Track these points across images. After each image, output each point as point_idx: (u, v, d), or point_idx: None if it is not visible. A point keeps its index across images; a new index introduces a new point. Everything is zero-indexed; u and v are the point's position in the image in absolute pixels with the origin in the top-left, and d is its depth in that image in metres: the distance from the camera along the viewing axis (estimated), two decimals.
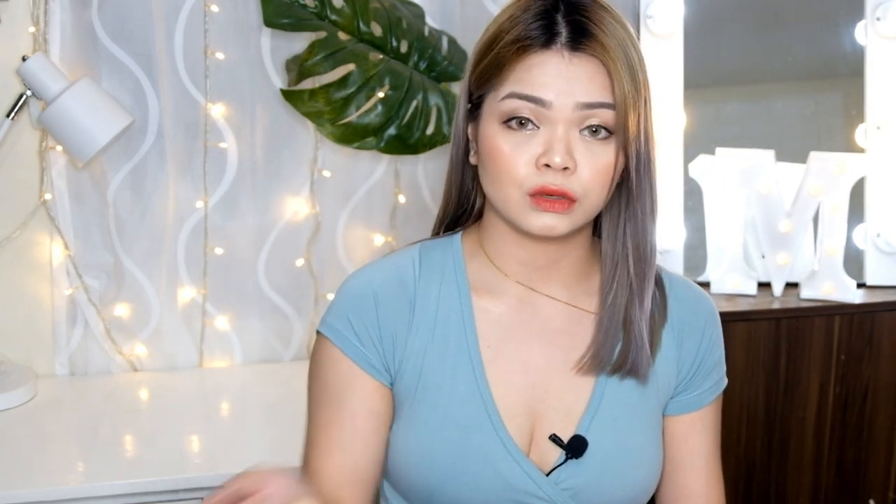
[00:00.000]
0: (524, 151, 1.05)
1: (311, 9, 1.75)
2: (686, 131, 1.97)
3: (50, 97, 1.69)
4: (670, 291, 1.18)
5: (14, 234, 1.85)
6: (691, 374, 1.18)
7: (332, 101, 1.76)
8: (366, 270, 1.16)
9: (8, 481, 1.49)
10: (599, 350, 1.12)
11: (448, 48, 1.87)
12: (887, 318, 1.88)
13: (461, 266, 1.16)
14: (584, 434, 1.11)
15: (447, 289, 1.14)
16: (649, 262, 1.12)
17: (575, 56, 1.04)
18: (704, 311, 1.20)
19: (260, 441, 1.64)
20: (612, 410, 1.13)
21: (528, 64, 1.05)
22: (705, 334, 1.19)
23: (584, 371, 1.13)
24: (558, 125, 1.04)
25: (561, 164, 1.03)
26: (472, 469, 1.09)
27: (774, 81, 2.08)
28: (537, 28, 1.05)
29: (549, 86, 1.04)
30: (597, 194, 1.06)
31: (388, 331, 1.13)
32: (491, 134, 1.07)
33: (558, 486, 1.10)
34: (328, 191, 1.96)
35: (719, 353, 1.21)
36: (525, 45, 1.05)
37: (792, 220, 1.90)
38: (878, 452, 1.91)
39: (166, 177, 1.87)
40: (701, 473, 1.19)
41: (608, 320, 1.12)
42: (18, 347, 1.89)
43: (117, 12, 1.79)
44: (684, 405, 1.19)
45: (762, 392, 1.85)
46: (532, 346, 1.14)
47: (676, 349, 1.17)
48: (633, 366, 1.12)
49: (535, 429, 1.13)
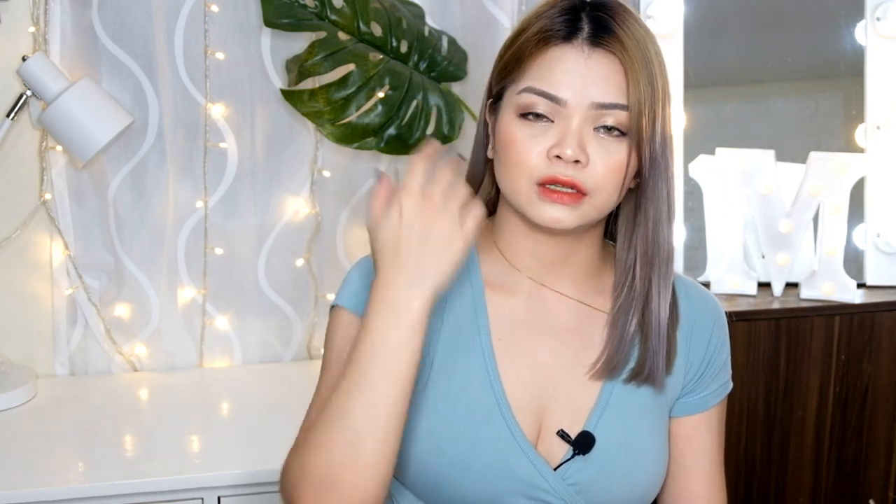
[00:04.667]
0: (538, 143, 1.06)
1: (311, 9, 1.75)
2: (686, 131, 1.97)
3: (50, 97, 1.69)
4: (681, 293, 1.18)
5: (14, 234, 1.85)
6: (698, 376, 1.19)
7: (332, 101, 1.76)
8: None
9: (8, 481, 1.49)
10: (614, 355, 1.13)
11: (448, 48, 1.87)
12: (887, 318, 1.88)
13: (475, 260, 1.17)
14: (592, 431, 1.12)
15: (460, 282, 1.15)
16: (666, 266, 1.12)
17: (595, 52, 1.05)
18: (713, 313, 1.21)
19: (260, 441, 1.64)
20: (621, 409, 1.13)
21: (549, 58, 1.06)
22: (714, 336, 1.20)
23: (597, 376, 1.14)
24: (573, 120, 1.05)
25: (572, 156, 1.04)
26: (480, 459, 1.10)
27: (774, 81, 2.08)
28: (561, 22, 1.07)
29: (566, 84, 1.05)
30: (608, 191, 1.07)
31: None
32: (507, 124, 1.08)
33: (565, 480, 1.11)
34: (328, 191, 1.96)
35: (726, 356, 1.22)
36: (546, 36, 1.06)
37: (792, 220, 1.90)
38: (878, 452, 1.91)
39: (166, 177, 1.87)
40: (704, 475, 1.20)
41: (622, 324, 1.13)
42: (18, 347, 1.89)
43: (117, 12, 1.79)
44: (690, 407, 1.19)
45: (762, 392, 1.85)
46: (543, 342, 1.15)
47: (685, 351, 1.18)
48: (649, 374, 1.13)
49: (542, 424, 1.13)
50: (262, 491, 1.55)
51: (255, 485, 1.54)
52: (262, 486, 1.54)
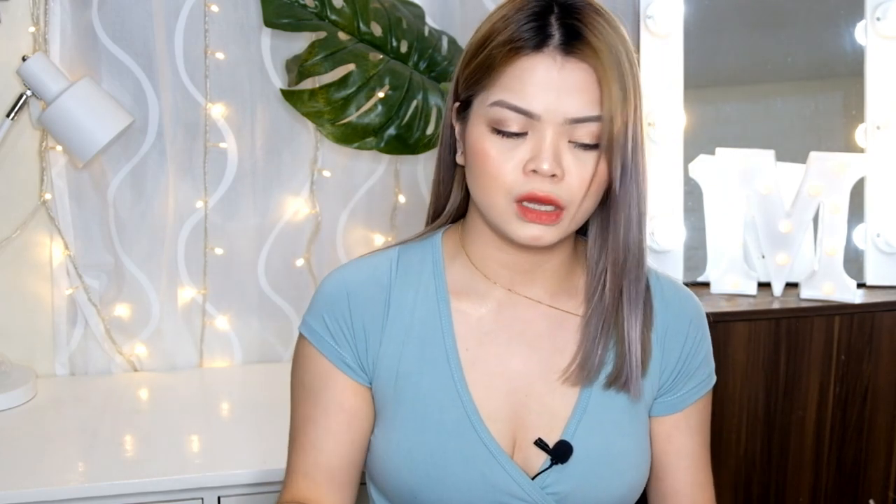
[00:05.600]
0: (512, 157, 1.03)
1: (311, 9, 1.75)
2: (686, 131, 1.97)
3: (50, 97, 1.69)
4: (656, 294, 1.17)
5: (14, 234, 1.85)
6: (674, 377, 1.17)
7: (332, 101, 1.76)
8: (342, 270, 1.16)
9: (8, 481, 1.49)
10: (587, 359, 1.11)
11: (448, 48, 1.87)
12: (887, 318, 1.88)
13: (440, 268, 1.15)
14: (570, 440, 1.11)
15: (425, 291, 1.13)
16: (636, 270, 1.10)
17: (567, 61, 1.01)
18: (689, 313, 1.18)
19: (260, 441, 1.64)
20: (598, 415, 1.12)
21: (519, 68, 1.02)
22: (689, 338, 1.18)
23: (570, 381, 1.12)
24: (547, 133, 1.02)
25: (549, 170, 1.01)
26: (453, 471, 1.09)
27: (774, 81, 2.08)
28: (530, 29, 1.02)
29: (539, 98, 1.01)
30: (585, 202, 1.05)
31: (361, 330, 1.12)
32: (478, 137, 1.05)
33: (544, 490, 1.10)
34: (328, 191, 1.96)
35: (704, 354, 1.19)
36: (517, 46, 1.02)
37: (792, 220, 1.90)
38: (878, 452, 1.91)
39: (166, 177, 1.87)
40: (687, 474, 1.18)
41: (594, 328, 1.11)
42: (18, 347, 1.89)
43: (117, 12, 1.79)
44: (667, 406, 1.18)
45: (762, 392, 1.85)
46: (513, 350, 1.13)
47: (660, 352, 1.16)
48: (626, 379, 1.12)
49: (517, 434, 1.12)
50: (262, 491, 1.55)
51: (256, 485, 1.54)
52: (262, 486, 1.54)
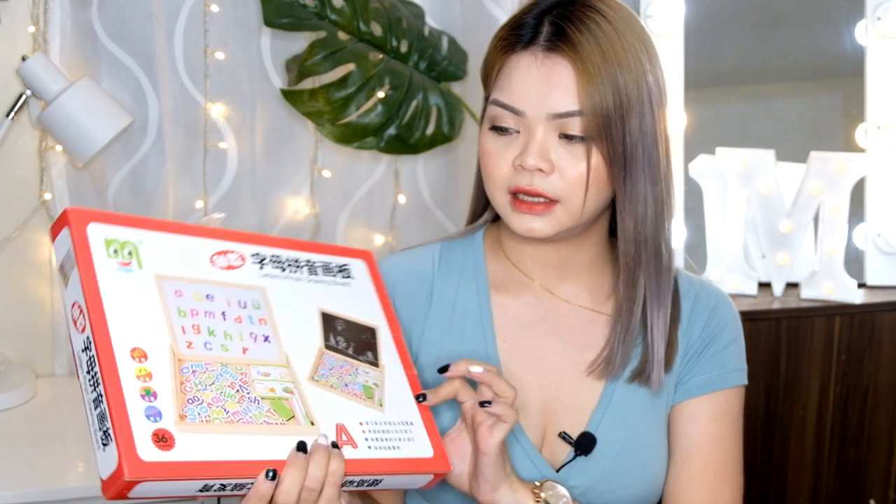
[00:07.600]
0: (507, 154, 1.06)
1: (311, 9, 1.75)
2: (686, 131, 1.97)
3: (50, 97, 1.69)
4: (688, 293, 1.17)
5: (14, 234, 1.85)
6: (697, 355, 1.15)
7: (332, 100, 1.76)
8: (385, 262, 1.18)
9: (8, 481, 1.49)
10: (612, 354, 1.12)
11: (448, 48, 1.87)
12: (887, 318, 1.88)
13: (481, 263, 1.17)
14: (594, 432, 1.11)
15: (466, 284, 1.16)
16: (657, 264, 1.10)
17: (548, 58, 1.03)
18: (714, 301, 1.18)
19: None
20: (622, 408, 1.13)
21: (509, 66, 1.06)
22: (712, 320, 1.17)
23: (596, 375, 1.13)
24: (536, 130, 1.04)
25: (533, 165, 1.03)
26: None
27: (774, 81, 2.08)
28: (523, 28, 1.05)
29: (523, 95, 1.04)
30: (579, 196, 1.05)
31: (405, 319, 1.14)
32: (482, 135, 1.09)
33: (567, 482, 1.10)
34: (328, 191, 1.96)
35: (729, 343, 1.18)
36: (508, 45, 1.06)
37: (792, 220, 1.90)
38: (878, 452, 1.91)
39: (166, 177, 1.87)
40: (706, 465, 1.15)
41: (622, 325, 1.12)
42: (18, 347, 1.89)
43: (117, 12, 1.79)
44: (686, 390, 1.15)
45: (762, 392, 1.85)
46: (548, 344, 1.15)
47: (684, 345, 1.16)
48: (649, 376, 1.12)
49: (547, 427, 1.13)
50: None
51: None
52: None
